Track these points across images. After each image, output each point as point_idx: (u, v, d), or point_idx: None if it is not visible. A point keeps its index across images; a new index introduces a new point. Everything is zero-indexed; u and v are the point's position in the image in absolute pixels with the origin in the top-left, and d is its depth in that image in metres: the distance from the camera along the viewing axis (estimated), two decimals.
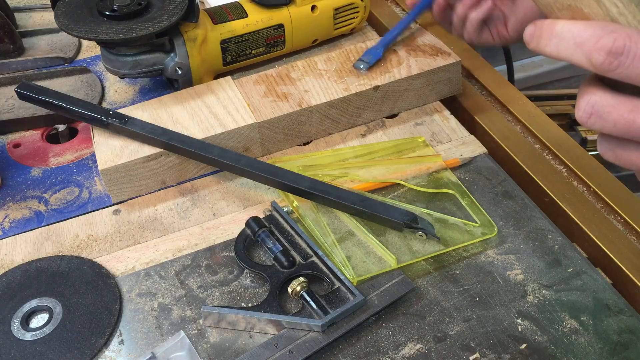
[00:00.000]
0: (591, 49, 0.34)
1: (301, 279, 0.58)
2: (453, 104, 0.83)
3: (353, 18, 0.90)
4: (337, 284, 0.58)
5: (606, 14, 0.36)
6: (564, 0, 0.37)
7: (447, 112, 0.80)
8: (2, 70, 0.88)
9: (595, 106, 0.36)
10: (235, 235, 0.64)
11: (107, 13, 0.74)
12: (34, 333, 0.57)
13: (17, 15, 0.97)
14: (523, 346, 0.55)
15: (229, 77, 0.78)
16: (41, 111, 0.79)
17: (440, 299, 0.59)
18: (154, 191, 0.71)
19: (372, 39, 0.86)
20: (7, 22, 0.88)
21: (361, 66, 0.78)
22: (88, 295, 0.60)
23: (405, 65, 0.78)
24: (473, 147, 0.74)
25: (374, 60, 0.78)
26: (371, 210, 0.64)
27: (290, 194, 0.67)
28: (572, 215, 0.68)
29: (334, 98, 0.74)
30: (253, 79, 0.77)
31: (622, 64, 0.34)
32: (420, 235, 0.63)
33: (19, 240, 0.67)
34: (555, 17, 0.38)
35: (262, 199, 0.69)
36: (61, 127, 0.81)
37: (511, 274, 0.61)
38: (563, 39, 0.36)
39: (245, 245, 0.63)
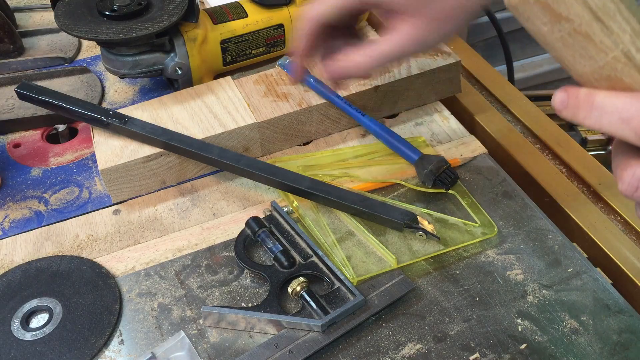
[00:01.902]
0: None
1: (301, 279, 0.58)
2: (453, 104, 0.83)
3: None
4: (337, 284, 0.58)
5: None
6: (603, 71, 0.34)
7: (447, 112, 0.79)
8: (2, 70, 0.88)
9: None
10: (235, 235, 0.64)
11: (107, 13, 0.74)
12: (34, 333, 0.57)
13: (17, 15, 0.97)
14: (523, 346, 0.55)
15: (229, 77, 0.78)
16: (41, 111, 0.79)
17: (440, 299, 0.59)
18: (154, 191, 0.71)
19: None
20: (7, 22, 0.88)
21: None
22: (88, 295, 0.60)
23: (405, 66, 0.78)
24: (473, 147, 0.74)
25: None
26: (371, 210, 0.64)
27: (290, 194, 0.67)
28: (572, 215, 0.68)
29: None
30: (253, 79, 0.77)
31: None
32: (420, 235, 0.63)
33: (19, 240, 0.67)
34: (591, 87, 0.36)
35: (262, 199, 0.69)
36: (61, 127, 0.81)
37: (511, 274, 0.61)
38: (605, 113, 0.34)
39: (245, 245, 0.63)
